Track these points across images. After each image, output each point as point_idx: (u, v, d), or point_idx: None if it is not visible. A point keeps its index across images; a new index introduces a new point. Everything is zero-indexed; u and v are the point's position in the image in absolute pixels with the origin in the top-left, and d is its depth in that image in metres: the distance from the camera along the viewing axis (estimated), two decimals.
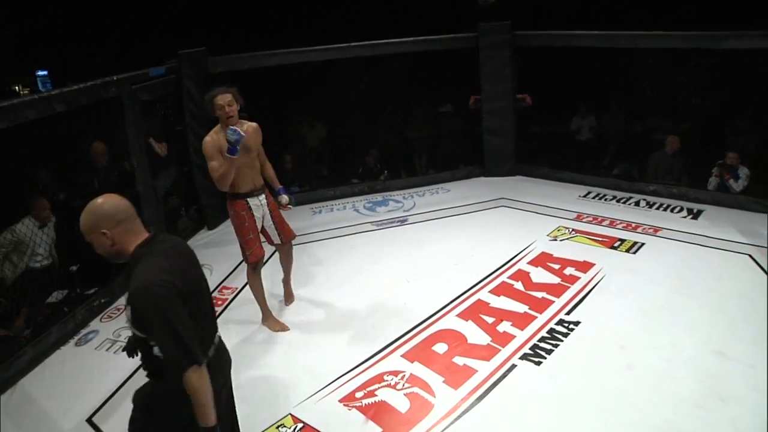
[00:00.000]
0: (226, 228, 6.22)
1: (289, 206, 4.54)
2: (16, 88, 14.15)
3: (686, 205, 6.43)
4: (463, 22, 7.85)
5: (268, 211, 4.44)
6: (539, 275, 5.01)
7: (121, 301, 5.18)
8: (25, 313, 4.82)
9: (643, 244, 5.49)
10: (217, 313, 4.17)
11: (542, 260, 5.27)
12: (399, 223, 6.48)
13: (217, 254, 6.00)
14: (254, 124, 4.32)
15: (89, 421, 3.75)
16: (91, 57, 11.52)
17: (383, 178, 7.70)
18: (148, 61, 6.21)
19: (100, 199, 2.31)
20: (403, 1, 11.20)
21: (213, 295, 4.93)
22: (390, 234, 6.20)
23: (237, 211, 4.27)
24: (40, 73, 14.00)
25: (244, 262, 4.54)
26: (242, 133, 3.88)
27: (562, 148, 7.96)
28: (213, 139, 4.03)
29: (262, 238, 4.48)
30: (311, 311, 4.81)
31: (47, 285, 5.19)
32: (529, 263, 5.24)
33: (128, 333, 2.44)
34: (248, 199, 4.28)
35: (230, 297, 5.17)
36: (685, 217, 6.17)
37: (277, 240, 4.58)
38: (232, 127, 3.88)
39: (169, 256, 2.29)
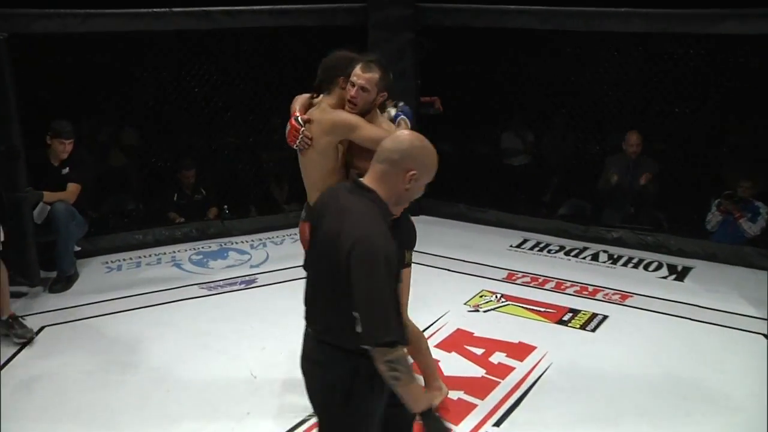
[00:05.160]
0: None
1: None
2: None
3: (666, 259, 5.90)
4: None
5: None
6: (454, 365, 4.25)
7: None
8: None
9: (605, 317, 4.92)
10: None
11: (458, 342, 4.55)
12: (243, 285, 5.64)
13: None
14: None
15: None
16: None
17: (220, 215, 6.60)
18: None
19: None
20: None
21: None
22: (228, 301, 5.35)
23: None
24: None
25: None
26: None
27: (488, 177, 7.14)
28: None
29: None
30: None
31: None
32: (438, 346, 4.39)
33: None
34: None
35: None
36: (665, 277, 5.64)
37: None
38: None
39: None
